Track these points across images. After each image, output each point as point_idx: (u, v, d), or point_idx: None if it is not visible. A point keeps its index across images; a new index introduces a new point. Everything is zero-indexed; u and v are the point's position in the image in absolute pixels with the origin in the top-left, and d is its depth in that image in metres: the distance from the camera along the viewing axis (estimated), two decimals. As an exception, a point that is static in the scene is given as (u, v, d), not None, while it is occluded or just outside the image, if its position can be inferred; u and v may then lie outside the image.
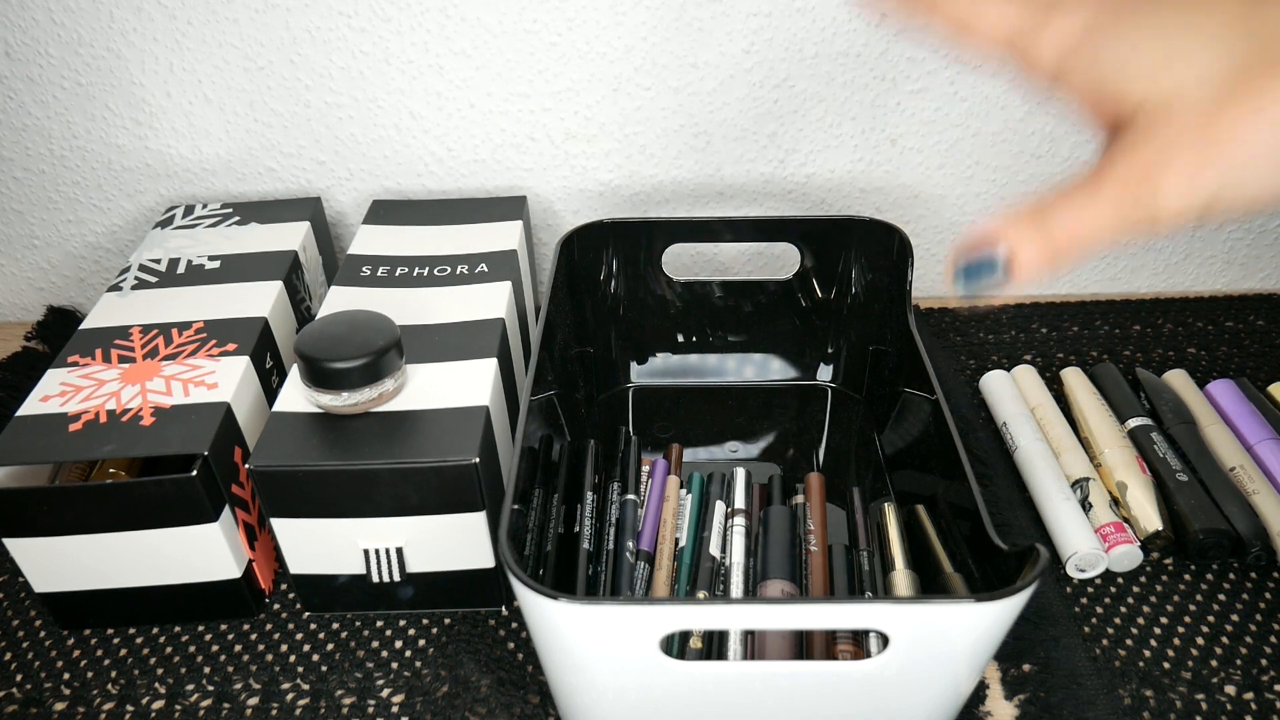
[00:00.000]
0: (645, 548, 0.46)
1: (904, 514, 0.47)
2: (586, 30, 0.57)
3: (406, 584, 0.44)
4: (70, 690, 0.43)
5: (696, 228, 0.54)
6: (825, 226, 0.54)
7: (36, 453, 0.41)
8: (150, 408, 0.43)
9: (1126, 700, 0.40)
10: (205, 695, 0.42)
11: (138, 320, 0.49)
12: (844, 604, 0.30)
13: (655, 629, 0.31)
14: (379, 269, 0.52)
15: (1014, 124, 0.61)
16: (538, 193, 0.64)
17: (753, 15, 0.56)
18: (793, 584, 0.43)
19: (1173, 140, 0.26)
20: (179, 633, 0.45)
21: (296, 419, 0.42)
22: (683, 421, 0.57)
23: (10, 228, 0.66)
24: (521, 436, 0.39)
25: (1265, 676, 0.41)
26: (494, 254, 0.54)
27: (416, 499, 0.41)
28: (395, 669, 0.43)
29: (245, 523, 0.44)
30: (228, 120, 0.61)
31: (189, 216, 0.59)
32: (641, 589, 0.44)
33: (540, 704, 0.41)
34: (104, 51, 0.58)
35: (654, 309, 0.57)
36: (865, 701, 0.34)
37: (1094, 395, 0.54)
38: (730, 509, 0.48)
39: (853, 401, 0.57)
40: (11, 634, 0.45)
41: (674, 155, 0.62)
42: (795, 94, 0.59)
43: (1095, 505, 0.47)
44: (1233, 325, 0.63)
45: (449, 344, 0.46)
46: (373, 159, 0.62)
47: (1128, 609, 0.44)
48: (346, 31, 0.57)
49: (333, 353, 0.41)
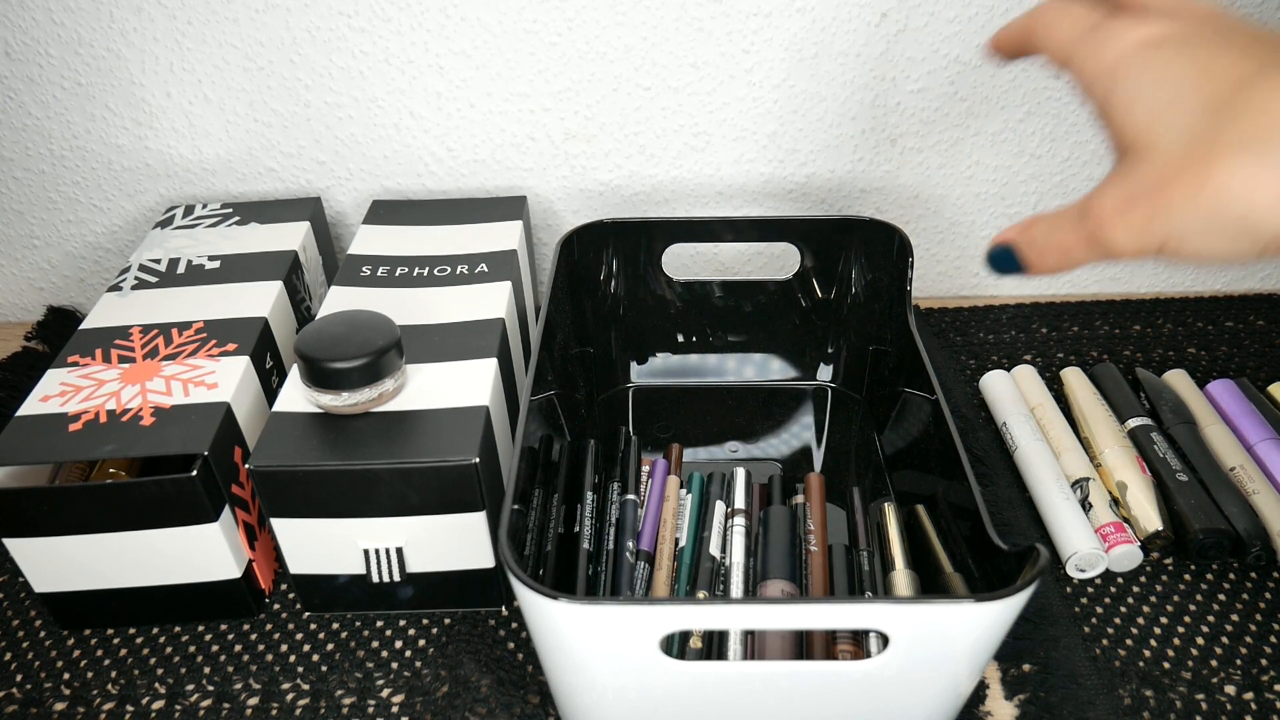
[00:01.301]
0: (645, 548, 0.46)
1: (904, 514, 0.47)
2: (586, 30, 0.57)
3: (406, 584, 0.44)
4: (70, 690, 0.43)
5: (696, 228, 0.54)
6: (825, 226, 0.54)
7: (36, 453, 0.41)
8: (150, 408, 0.43)
9: (1126, 700, 0.40)
10: (205, 695, 0.42)
11: (138, 320, 0.49)
12: (844, 604, 0.30)
13: (655, 629, 0.31)
14: (379, 269, 0.53)
15: (1014, 124, 0.61)
16: (538, 193, 0.64)
17: (753, 15, 0.56)
18: (793, 584, 0.43)
19: (1138, 188, 0.27)
20: (179, 633, 0.45)
21: (296, 419, 0.42)
22: (683, 421, 0.57)
23: (10, 228, 0.66)
24: (521, 436, 0.39)
25: (1265, 676, 0.41)
26: (494, 254, 0.54)
27: (416, 499, 0.41)
28: (395, 669, 0.43)
29: (245, 523, 0.44)
30: (228, 120, 0.61)
31: (189, 216, 0.59)
32: (641, 589, 0.44)
33: (540, 704, 0.41)
34: (104, 51, 0.58)
35: (654, 309, 0.57)
36: (865, 701, 0.34)
37: (1094, 395, 0.54)
38: (730, 509, 0.48)
39: (853, 401, 0.57)
40: (11, 634, 0.45)
41: (674, 155, 0.62)
42: (795, 94, 0.59)
43: (1095, 505, 0.47)
44: (1233, 325, 0.63)
45: (449, 344, 0.46)
46: (373, 159, 0.62)
47: (1128, 609, 0.44)
48: (346, 31, 0.57)
49: (333, 353, 0.41)
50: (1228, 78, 0.26)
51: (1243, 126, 0.25)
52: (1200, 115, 0.26)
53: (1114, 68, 0.28)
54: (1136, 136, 0.28)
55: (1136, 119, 0.28)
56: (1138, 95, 0.28)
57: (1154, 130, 0.27)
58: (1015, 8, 0.56)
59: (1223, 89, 0.26)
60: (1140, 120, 0.28)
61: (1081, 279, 0.68)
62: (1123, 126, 0.28)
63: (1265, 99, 0.25)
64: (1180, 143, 0.26)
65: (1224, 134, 0.25)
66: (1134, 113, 0.28)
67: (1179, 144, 0.26)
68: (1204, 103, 0.26)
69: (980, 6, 0.56)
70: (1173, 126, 0.27)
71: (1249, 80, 0.26)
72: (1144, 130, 0.28)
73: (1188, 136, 0.26)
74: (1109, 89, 0.29)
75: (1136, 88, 0.28)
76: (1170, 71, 0.27)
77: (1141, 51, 0.28)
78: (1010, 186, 0.64)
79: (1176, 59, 0.27)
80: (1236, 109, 0.26)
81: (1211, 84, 0.26)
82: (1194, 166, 0.26)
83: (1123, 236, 0.27)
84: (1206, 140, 0.26)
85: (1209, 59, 0.27)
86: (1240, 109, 0.25)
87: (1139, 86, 0.28)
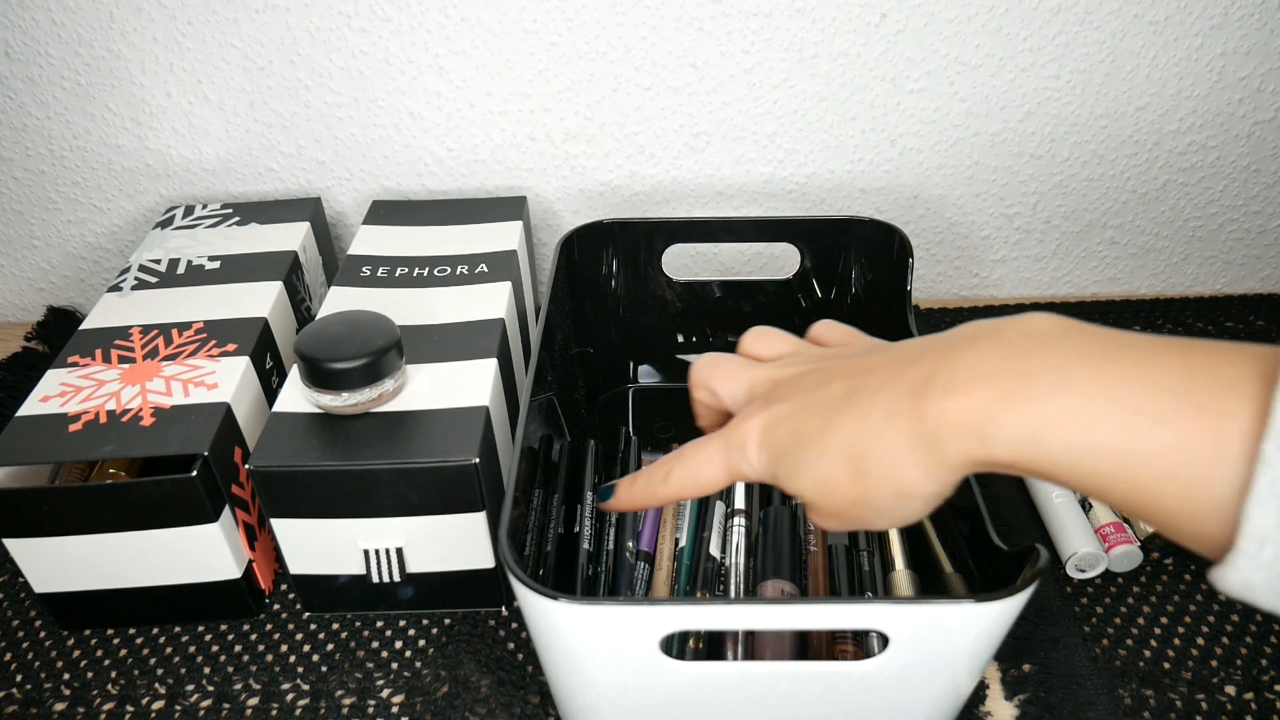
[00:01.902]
0: (645, 548, 0.46)
1: (904, 514, 0.47)
2: (586, 30, 0.57)
3: (406, 584, 0.44)
4: (70, 690, 0.43)
5: (696, 228, 0.54)
6: (825, 226, 0.54)
7: (36, 453, 0.41)
8: (150, 408, 0.43)
9: (1126, 700, 0.40)
10: (205, 695, 0.42)
11: (138, 320, 0.49)
12: (844, 604, 0.30)
13: (655, 629, 0.31)
14: (379, 269, 0.52)
15: (1014, 124, 0.61)
16: (538, 193, 0.64)
17: (753, 15, 0.56)
18: (793, 584, 0.43)
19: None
20: (179, 633, 0.45)
21: (296, 419, 0.42)
22: (683, 421, 0.56)
23: (10, 228, 0.66)
24: (521, 436, 0.39)
25: (1265, 676, 0.41)
26: (494, 254, 0.54)
27: (416, 499, 0.41)
28: (395, 669, 0.43)
29: (245, 523, 0.44)
30: (228, 120, 0.61)
31: (189, 217, 0.59)
32: (641, 589, 0.44)
33: (540, 704, 0.41)
34: (104, 51, 0.58)
35: (654, 309, 0.57)
36: (865, 701, 0.34)
37: (1094, 395, 0.54)
38: (730, 509, 0.48)
39: (853, 401, 0.57)
40: (11, 634, 0.45)
41: (674, 155, 0.62)
42: (795, 94, 0.59)
43: (1095, 505, 0.47)
44: (1233, 325, 0.63)
45: (449, 344, 0.46)
46: (373, 159, 0.62)
47: (1128, 609, 0.44)
48: (346, 31, 0.57)
49: (333, 353, 0.41)
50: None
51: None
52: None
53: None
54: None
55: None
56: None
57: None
58: (1014, 7, 0.56)
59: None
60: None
61: (1081, 279, 0.68)
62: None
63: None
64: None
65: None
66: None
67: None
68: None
69: (980, 6, 0.56)
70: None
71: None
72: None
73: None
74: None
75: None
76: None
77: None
78: (1010, 187, 0.64)
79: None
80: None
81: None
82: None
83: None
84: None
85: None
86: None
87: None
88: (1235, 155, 0.62)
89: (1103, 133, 0.61)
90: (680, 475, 0.33)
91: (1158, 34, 0.57)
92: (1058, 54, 0.58)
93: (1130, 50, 0.58)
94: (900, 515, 0.29)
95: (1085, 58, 0.58)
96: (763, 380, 0.33)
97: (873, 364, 0.30)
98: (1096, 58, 0.58)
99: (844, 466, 0.28)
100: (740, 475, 0.32)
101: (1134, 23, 0.56)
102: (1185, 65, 0.58)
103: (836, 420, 0.29)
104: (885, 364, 0.29)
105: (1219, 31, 0.57)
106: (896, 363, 0.29)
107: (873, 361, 0.30)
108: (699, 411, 0.37)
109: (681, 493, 0.34)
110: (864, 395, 0.29)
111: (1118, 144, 0.61)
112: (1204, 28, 0.57)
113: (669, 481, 0.34)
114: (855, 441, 0.28)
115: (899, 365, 0.29)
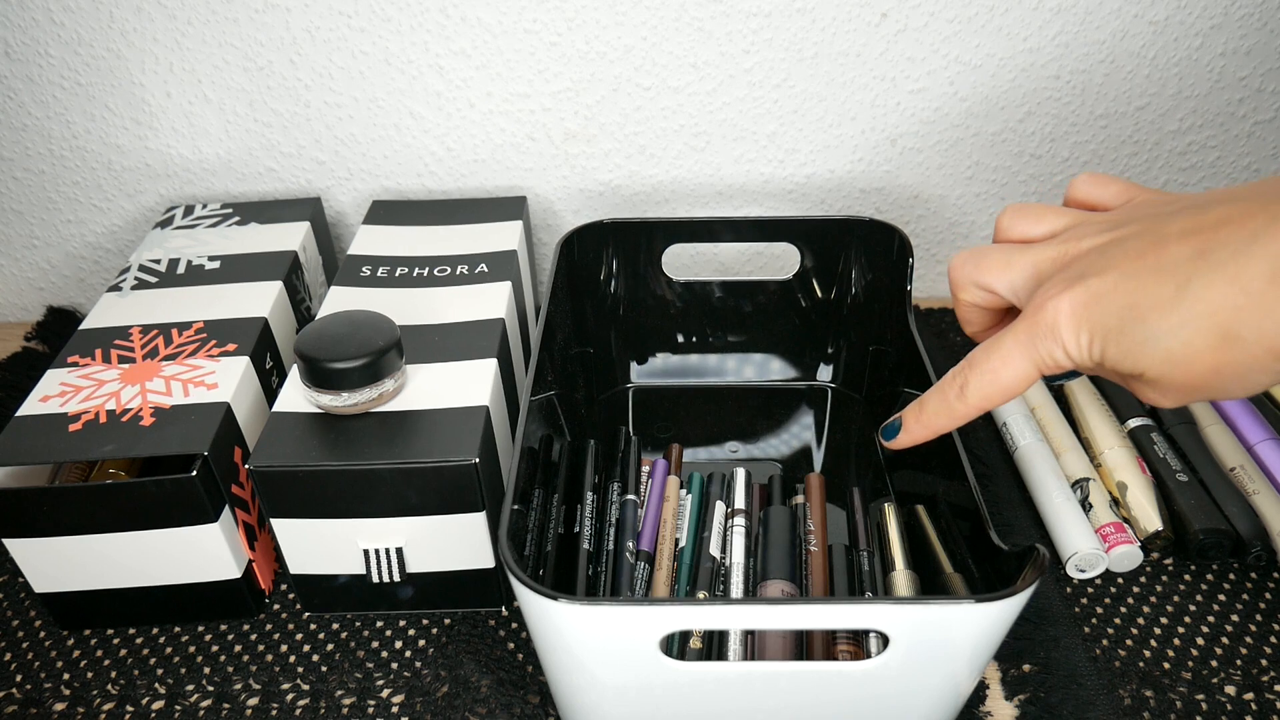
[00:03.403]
0: (645, 548, 0.46)
1: (904, 514, 0.47)
2: (586, 30, 0.57)
3: (406, 584, 0.44)
4: (70, 690, 0.43)
5: (696, 228, 0.54)
6: (825, 226, 0.54)
7: (36, 453, 0.41)
8: (150, 408, 0.43)
9: (1126, 700, 0.40)
10: (205, 695, 0.42)
11: (138, 320, 0.49)
12: (844, 604, 0.30)
13: (655, 629, 0.31)
14: (379, 269, 0.52)
15: (1014, 124, 0.61)
16: (538, 193, 0.64)
17: (753, 15, 0.56)
18: (793, 584, 0.43)
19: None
20: (179, 633, 0.45)
21: (296, 419, 0.42)
22: (683, 421, 0.57)
23: (10, 228, 0.66)
24: (521, 436, 0.39)
25: (1265, 676, 0.41)
26: (494, 254, 0.54)
27: (416, 499, 0.41)
28: (395, 669, 0.43)
29: (245, 523, 0.44)
30: (228, 120, 0.61)
31: (189, 217, 0.59)
32: (641, 589, 0.44)
33: (540, 704, 0.41)
34: (104, 51, 0.58)
35: (654, 309, 0.57)
36: (865, 701, 0.35)
37: (1094, 395, 0.54)
38: (730, 509, 0.48)
39: (853, 401, 0.57)
40: (11, 634, 0.45)
41: (674, 155, 0.62)
42: (795, 94, 0.59)
43: (1095, 505, 0.47)
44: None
45: (449, 344, 0.46)
46: (373, 159, 0.62)
47: (1128, 609, 0.44)
48: (346, 31, 0.57)
49: (333, 353, 0.41)
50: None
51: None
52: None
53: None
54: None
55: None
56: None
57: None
58: (1014, 7, 0.56)
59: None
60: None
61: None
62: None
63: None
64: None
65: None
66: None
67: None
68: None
69: (980, 6, 0.56)
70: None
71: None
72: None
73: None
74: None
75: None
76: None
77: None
78: (1010, 186, 0.64)
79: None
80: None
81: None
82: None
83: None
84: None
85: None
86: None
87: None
88: (1235, 155, 0.62)
89: (1103, 133, 0.61)
90: (978, 383, 0.30)
91: (1158, 34, 0.57)
92: (1058, 54, 0.58)
93: (1130, 50, 0.58)
94: (1267, 382, 0.26)
95: (1085, 58, 0.58)
96: (1049, 260, 0.30)
97: (1218, 216, 0.27)
98: (1096, 58, 0.58)
99: (1211, 334, 0.26)
100: (1052, 365, 0.29)
101: (1134, 23, 0.56)
102: (1185, 65, 0.58)
103: (1194, 285, 0.26)
104: (1241, 214, 0.26)
105: (1219, 31, 0.57)
106: (1252, 212, 0.26)
107: (1216, 214, 0.27)
108: (968, 317, 0.34)
109: (984, 403, 0.30)
110: (1226, 252, 0.26)
111: (1118, 144, 0.61)
112: (1204, 28, 0.57)
113: (966, 394, 0.30)
114: (1226, 305, 0.25)
115: (1257, 211, 0.26)
